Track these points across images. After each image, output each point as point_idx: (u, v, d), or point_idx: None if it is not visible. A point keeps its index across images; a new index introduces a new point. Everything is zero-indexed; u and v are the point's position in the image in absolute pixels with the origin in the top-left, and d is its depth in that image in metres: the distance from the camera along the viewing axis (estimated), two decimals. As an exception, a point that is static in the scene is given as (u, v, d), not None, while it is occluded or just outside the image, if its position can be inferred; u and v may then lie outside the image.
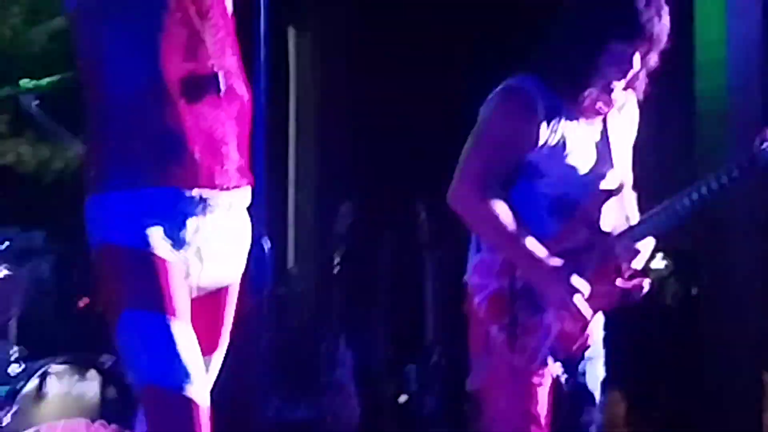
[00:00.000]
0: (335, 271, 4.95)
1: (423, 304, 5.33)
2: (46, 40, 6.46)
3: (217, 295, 1.80)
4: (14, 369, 2.92)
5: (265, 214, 1.68)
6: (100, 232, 1.69)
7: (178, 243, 1.69)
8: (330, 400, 5.05)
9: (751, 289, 4.06)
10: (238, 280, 1.80)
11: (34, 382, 2.90)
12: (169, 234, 1.68)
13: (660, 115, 2.93)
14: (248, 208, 1.79)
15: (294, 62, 5.12)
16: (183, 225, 1.69)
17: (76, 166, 6.11)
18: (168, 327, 1.62)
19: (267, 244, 1.64)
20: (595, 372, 2.33)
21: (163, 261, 1.66)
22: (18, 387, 2.87)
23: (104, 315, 1.72)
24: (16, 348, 3.08)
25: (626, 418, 4.43)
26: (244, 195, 1.77)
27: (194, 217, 1.70)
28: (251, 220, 1.77)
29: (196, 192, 1.69)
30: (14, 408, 2.81)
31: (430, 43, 5.38)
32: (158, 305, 1.63)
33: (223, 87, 1.69)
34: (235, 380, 1.76)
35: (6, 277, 3.11)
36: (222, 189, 1.72)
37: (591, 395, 2.31)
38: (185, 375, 1.62)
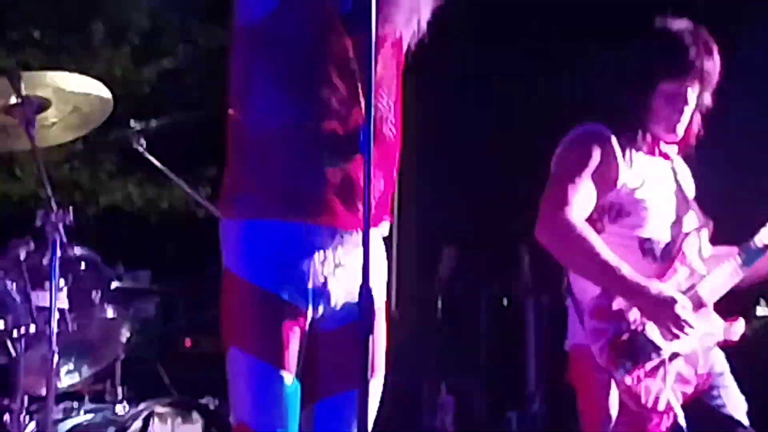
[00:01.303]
0: (437, 315, 4.83)
1: (524, 349, 5.21)
2: (155, 81, 6.60)
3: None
4: (120, 409, 2.95)
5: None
6: (227, 257, 1.69)
7: (300, 277, 1.64)
8: (431, 446, 5.04)
9: None
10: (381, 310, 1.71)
11: (139, 423, 2.91)
12: (292, 269, 1.64)
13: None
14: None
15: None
16: (310, 258, 1.65)
17: (181, 206, 6.19)
18: (270, 374, 1.61)
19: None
20: (734, 400, 2.24)
21: (280, 302, 1.62)
22: (125, 427, 2.87)
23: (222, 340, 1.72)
24: (121, 388, 3.15)
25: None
26: (377, 234, 1.72)
27: (321, 251, 1.66)
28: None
29: (324, 229, 1.66)
30: (121, 448, 2.81)
31: (526, 91, 5.48)
32: (265, 350, 1.62)
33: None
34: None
35: (114, 318, 3.14)
36: (351, 229, 1.66)
37: (737, 421, 2.22)
38: (277, 423, 1.62)
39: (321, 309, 1.67)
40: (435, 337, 5.12)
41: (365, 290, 1.42)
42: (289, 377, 1.63)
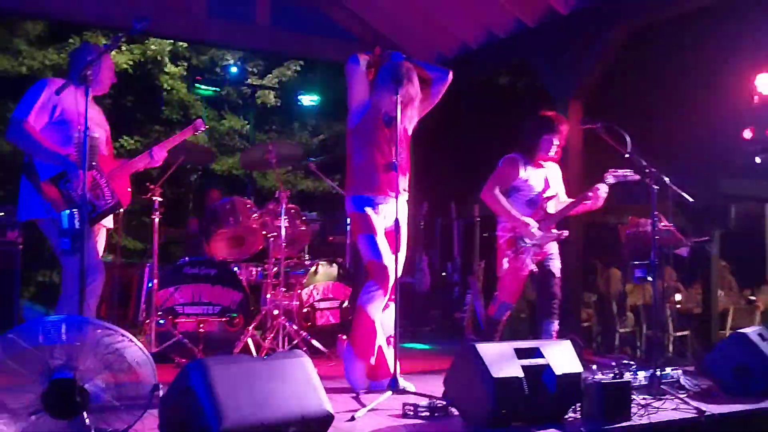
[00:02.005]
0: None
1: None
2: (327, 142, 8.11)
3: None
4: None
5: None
6: (349, 208, 4.36)
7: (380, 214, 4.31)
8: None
9: None
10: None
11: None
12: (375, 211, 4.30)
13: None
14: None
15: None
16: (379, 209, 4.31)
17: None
18: (375, 240, 4.25)
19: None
20: (556, 264, 4.91)
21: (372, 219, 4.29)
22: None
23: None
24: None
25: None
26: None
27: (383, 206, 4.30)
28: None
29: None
30: None
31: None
32: (372, 232, 4.26)
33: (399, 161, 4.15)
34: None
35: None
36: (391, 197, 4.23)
37: (554, 274, 4.88)
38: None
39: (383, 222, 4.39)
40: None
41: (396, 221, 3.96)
42: (385, 242, 4.34)
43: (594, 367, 3.85)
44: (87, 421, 2.52)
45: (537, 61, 6.96)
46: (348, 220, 6.25)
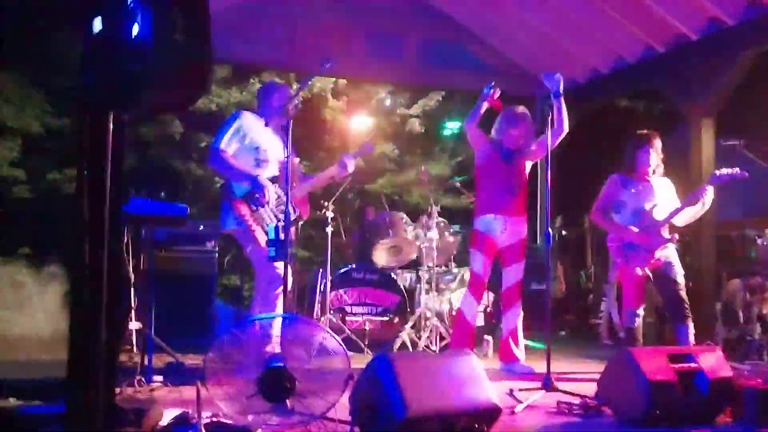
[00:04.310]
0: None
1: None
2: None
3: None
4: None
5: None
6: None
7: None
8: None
9: None
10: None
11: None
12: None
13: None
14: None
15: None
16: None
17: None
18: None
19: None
20: (676, 271, 4.58)
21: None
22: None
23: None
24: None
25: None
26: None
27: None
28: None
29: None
30: None
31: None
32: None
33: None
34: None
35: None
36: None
37: (676, 281, 4.55)
38: None
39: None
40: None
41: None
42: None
43: (746, 372, 3.56)
44: (289, 404, 2.57)
45: (666, 84, 6.61)
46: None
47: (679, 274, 4.59)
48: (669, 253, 4.61)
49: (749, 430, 3.07)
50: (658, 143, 4.73)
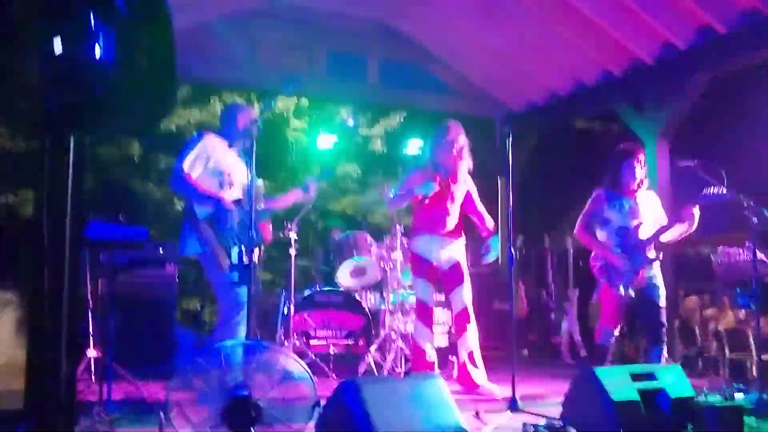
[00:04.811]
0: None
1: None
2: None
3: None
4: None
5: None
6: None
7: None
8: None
9: None
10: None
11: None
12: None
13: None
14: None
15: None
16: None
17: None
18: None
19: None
20: (658, 293, 4.56)
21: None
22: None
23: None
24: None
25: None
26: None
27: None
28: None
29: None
30: None
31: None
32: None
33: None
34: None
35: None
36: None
37: (657, 304, 4.54)
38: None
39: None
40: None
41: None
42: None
43: (705, 390, 3.62)
44: (254, 432, 2.52)
45: (623, 107, 6.78)
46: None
47: (662, 297, 4.56)
48: (654, 273, 4.58)
49: (711, 448, 3.12)
50: (642, 156, 4.67)
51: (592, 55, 6.76)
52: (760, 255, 4.50)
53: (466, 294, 4.73)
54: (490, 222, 4.90)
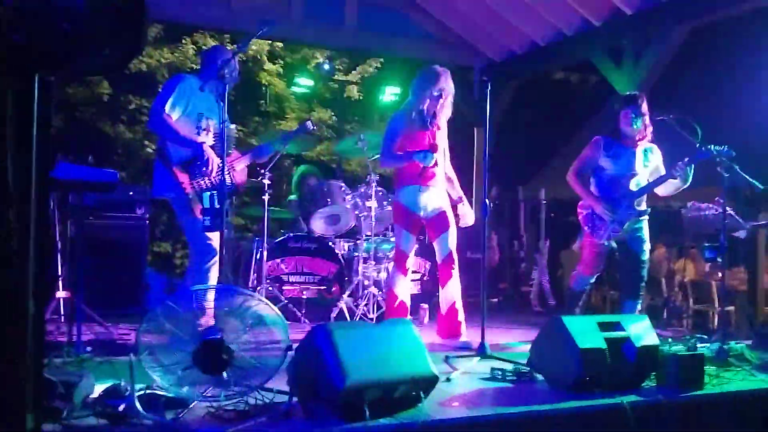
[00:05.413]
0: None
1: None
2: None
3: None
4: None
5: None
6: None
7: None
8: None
9: None
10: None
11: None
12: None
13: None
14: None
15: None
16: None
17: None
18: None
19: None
20: (642, 247, 4.59)
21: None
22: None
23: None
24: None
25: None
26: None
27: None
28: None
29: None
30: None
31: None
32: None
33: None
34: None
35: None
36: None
37: (639, 257, 4.57)
38: None
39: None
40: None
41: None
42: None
43: (669, 339, 3.73)
44: (225, 375, 2.55)
45: (601, 58, 6.76)
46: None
47: (646, 251, 4.56)
48: (641, 226, 4.55)
49: (671, 394, 3.23)
50: (644, 106, 4.53)
51: (572, 4, 6.69)
52: (728, 210, 4.58)
53: (451, 240, 4.58)
54: (458, 188, 4.77)
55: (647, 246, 4.60)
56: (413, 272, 6.19)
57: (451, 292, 4.56)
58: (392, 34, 7.75)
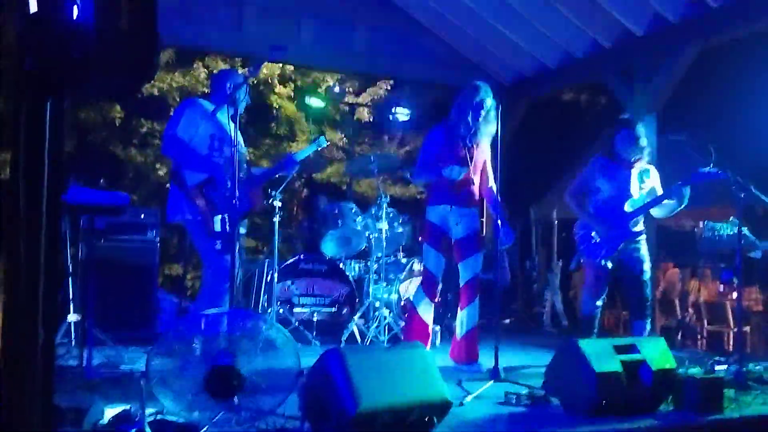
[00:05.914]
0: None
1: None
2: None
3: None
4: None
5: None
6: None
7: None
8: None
9: None
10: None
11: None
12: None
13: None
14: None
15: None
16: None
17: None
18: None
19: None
20: (642, 267, 4.54)
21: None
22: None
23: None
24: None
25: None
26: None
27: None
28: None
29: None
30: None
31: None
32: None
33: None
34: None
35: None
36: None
37: (640, 278, 4.52)
38: None
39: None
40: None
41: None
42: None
43: (686, 362, 3.67)
44: (236, 401, 2.52)
45: (611, 79, 6.75)
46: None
47: (647, 271, 4.52)
48: (638, 246, 4.52)
49: (689, 419, 3.16)
50: (640, 128, 4.57)
51: (582, 27, 6.70)
52: (744, 230, 4.52)
53: (479, 263, 4.52)
54: (498, 208, 4.53)
55: (647, 266, 4.55)
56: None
57: (472, 315, 4.49)
58: (401, 56, 7.77)
